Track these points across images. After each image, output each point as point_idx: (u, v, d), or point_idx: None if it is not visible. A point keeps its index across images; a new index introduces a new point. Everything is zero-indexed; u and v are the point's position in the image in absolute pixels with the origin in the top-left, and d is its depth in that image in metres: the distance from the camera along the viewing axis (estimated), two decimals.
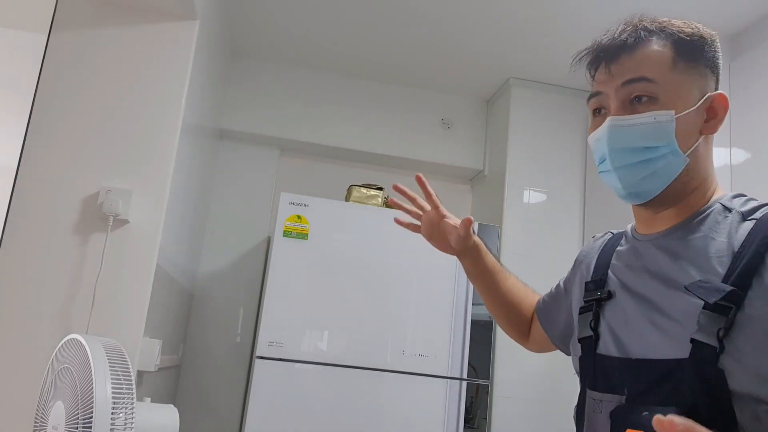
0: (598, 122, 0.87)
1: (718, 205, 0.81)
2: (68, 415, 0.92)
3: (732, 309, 0.70)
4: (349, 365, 2.27)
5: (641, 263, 0.85)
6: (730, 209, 0.79)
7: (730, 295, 0.70)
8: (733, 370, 0.69)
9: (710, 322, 0.71)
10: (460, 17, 2.43)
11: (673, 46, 0.82)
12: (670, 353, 0.74)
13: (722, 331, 0.70)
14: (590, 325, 0.88)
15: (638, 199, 0.83)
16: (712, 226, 0.79)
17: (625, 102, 0.82)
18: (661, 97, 0.80)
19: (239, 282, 2.84)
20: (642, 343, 0.79)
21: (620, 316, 0.84)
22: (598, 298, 0.88)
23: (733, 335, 0.70)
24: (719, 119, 0.83)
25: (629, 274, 0.86)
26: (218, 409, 2.70)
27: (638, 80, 0.81)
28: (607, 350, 0.84)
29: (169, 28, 1.91)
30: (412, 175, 3.49)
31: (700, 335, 0.71)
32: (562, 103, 2.89)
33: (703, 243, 0.78)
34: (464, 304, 2.39)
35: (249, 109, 2.91)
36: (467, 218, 1.07)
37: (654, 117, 0.80)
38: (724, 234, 0.77)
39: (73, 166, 1.79)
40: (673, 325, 0.75)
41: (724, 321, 0.70)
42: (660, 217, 0.85)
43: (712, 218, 0.80)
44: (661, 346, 0.76)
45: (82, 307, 1.71)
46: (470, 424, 2.35)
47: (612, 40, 0.86)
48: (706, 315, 0.71)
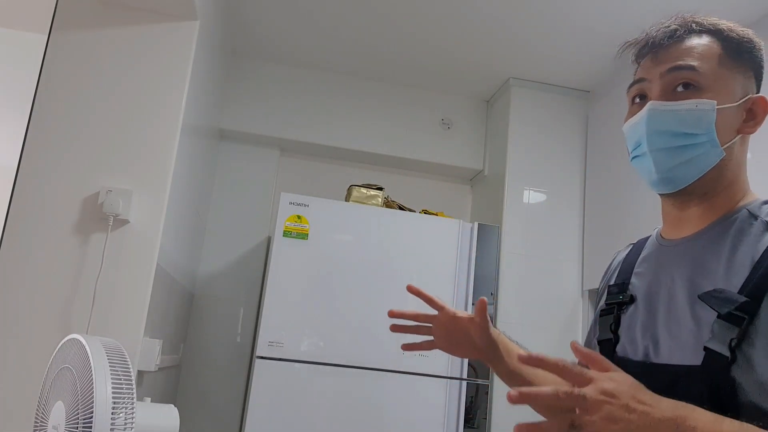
0: (635, 109, 0.86)
1: (745, 211, 0.80)
2: (68, 415, 0.92)
3: (745, 319, 0.69)
4: (349, 365, 2.27)
5: (664, 269, 0.85)
6: (756, 216, 0.78)
7: (743, 305, 0.70)
8: (743, 381, 0.69)
9: (723, 332, 0.71)
10: (461, 17, 2.43)
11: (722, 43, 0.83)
12: (684, 359, 0.75)
13: (734, 341, 0.69)
14: (610, 328, 0.88)
15: (669, 186, 0.82)
16: (737, 234, 0.77)
17: (667, 88, 0.83)
18: (705, 86, 0.81)
19: (239, 282, 2.84)
20: (657, 348, 0.79)
21: (639, 320, 0.84)
22: (620, 301, 0.88)
23: (744, 346, 0.69)
24: (758, 121, 0.83)
25: (652, 280, 0.86)
26: (218, 409, 2.70)
27: (684, 68, 0.82)
28: (625, 353, 0.85)
29: (169, 28, 1.91)
30: (412, 175, 3.49)
31: (713, 344, 0.71)
32: (562, 103, 2.89)
33: (726, 251, 0.77)
34: (464, 304, 2.39)
35: (249, 109, 2.91)
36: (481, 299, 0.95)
37: (696, 104, 0.80)
38: (747, 243, 0.76)
39: (73, 166, 1.79)
40: (688, 332, 0.76)
41: (737, 331, 0.69)
42: (687, 218, 0.84)
43: (737, 225, 0.78)
44: (675, 352, 0.76)
45: (82, 307, 1.71)
46: (470, 424, 2.34)
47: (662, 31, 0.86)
48: (719, 324, 0.71)
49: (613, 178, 2.58)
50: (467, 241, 2.45)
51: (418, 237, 2.43)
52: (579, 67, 2.68)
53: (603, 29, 2.37)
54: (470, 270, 2.42)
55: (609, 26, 2.34)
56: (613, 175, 2.59)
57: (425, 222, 2.50)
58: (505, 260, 2.66)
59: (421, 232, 2.44)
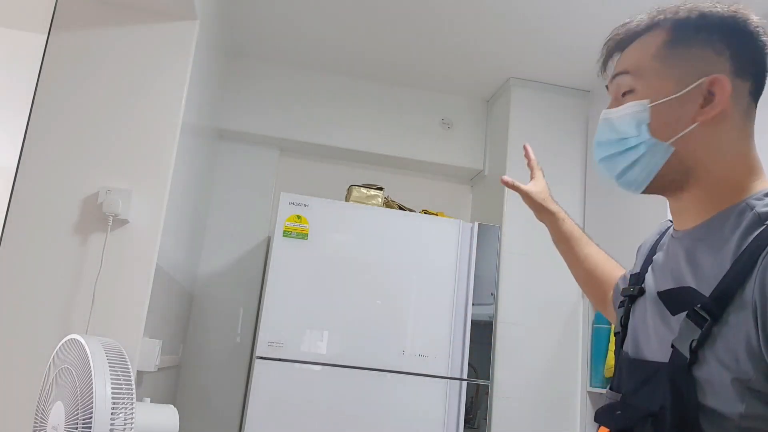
0: None
1: (744, 203, 0.73)
2: (68, 415, 0.92)
3: (707, 321, 0.67)
4: (349, 365, 2.27)
5: (666, 261, 0.82)
6: (752, 208, 0.71)
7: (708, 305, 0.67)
8: (703, 383, 0.67)
9: (687, 331, 0.69)
10: (460, 17, 2.43)
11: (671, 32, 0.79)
12: (658, 356, 0.74)
13: (695, 342, 0.67)
14: (621, 321, 0.88)
15: (632, 188, 0.83)
16: (732, 228, 0.72)
17: (616, 96, 0.84)
18: (638, 88, 0.80)
19: (239, 282, 2.84)
20: (646, 344, 0.79)
21: (642, 314, 0.83)
22: (631, 294, 0.87)
23: (706, 348, 0.67)
24: (716, 104, 0.75)
25: (657, 272, 0.84)
26: (218, 409, 2.70)
27: (621, 74, 0.83)
28: (626, 347, 0.84)
29: (169, 28, 1.91)
30: (412, 175, 3.49)
31: (678, 342, 0.70)
32: (562, 103, 2.88)
33: (717, 246, 0.72)
34: (464, 304, 2.39)
35: (249, 109, 2.91)
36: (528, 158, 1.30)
37: (629, 108, 0.80)
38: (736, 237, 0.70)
39: (73, 166, 1.79)
40: (666, 328, 0.74)
41: (699, 333, 0.67)
42: (684, 210, 0.81)
43: (734, 218, 0.73)
44: (654, 348, 0.76)
45: (82, 307, 1.71)
46: (470, 425, 2.34)
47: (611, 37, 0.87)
48: (685, 323, 0.69)
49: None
50: (467, 241, 2.45)
51: (418, 237, 2.43)
52: (579, 67, 2.68)
53: (603, 29, 2.37)
54: (470, 270, 2.42)
55: (609, 26, 2.34)
56: None
57: (425, 222, 2.50)
58: (505, 260, 2.66)
59: (421, 232, 2.44)
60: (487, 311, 2.44)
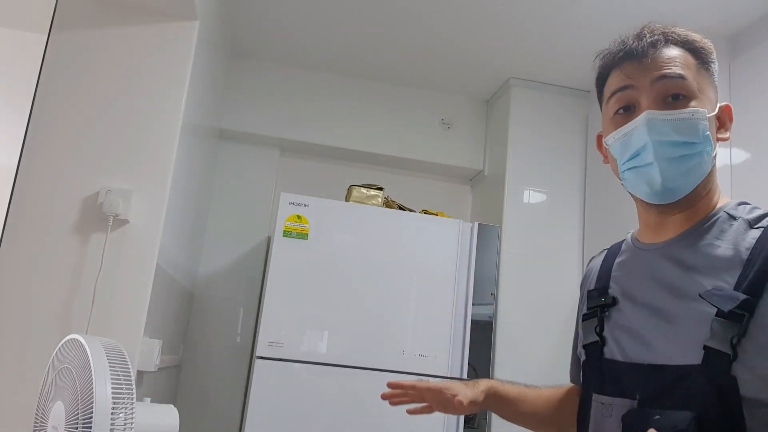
0: (620, 120, 0.86)
1: (723, 213, 0.82)
2: (68, 415, 0.92)
3: (745, 317, 0.71)
4: (348, 365, 2.27)
5: (647, 272, 0.85)
6: (735, 217, 0.80)
7: (744, 303, 0.71)
8: (744, 377, 0.70)
9: (724, 330, 0.72)
10: (460, 17, 2.43)
11: (694, 54, 0.85)
12: (682, 360, 0.75)
13: (736, 338, 0.71)
14: (595, 330, 0.89)
15: (669, 197, 0.82)
16: (718, 234, 0.80)
17: (658, 98, 0.82)
18: (693, 96, 0.82)
19: (239, 282, 2.84)
20: (650, 350, 0.80)
21: (625, 322, 0.85)
22: (602, 304, 0.89)
23: (744, 343, 0.71)
24: (727, 128, 0.86)
25: (633, 283, 0.87)
26: (218, 409, 2.70)
27: (674, 77, 0.82)
28: (612, 355, 0.85)
29: (169, 28, 1.91)
30: (412, 175, 3.49)
31: (713, 342, 0.72)
32: (562, 103, 2.88)
33: (710, 251, 0.79)
34: (464, 304, 2.39)
35: (249, 109, 2.91)
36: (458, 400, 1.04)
37: (692, 113, 0.81)
38: (730, 242, 0.78)
39: (72, 166, 1.79)
40: (684, 332, 0.76)
41: (738, 328, 0.71)
42: (669, 223, 0.85)
43: (717, 226, 0.81)
44: (672, 353, 0.77)
45: (82, 307, 1.71)
46: (470, 424, 2.34)
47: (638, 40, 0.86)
48: (719, 322, 0.72)
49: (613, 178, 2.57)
50: (467, 241, 2.45)
51: (418, 237, 2.43)
52: (579, 67, 2.68)
53: (603, 29, 2.37)
54: (470, 270, 2.42)
55: (609, 26, 2.34)
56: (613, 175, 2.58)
57: (425, 222, 2.50)
58: (505, 260, 2.66)
59: (421, 232, 2.44)
60: (487, 311, 2.44)
